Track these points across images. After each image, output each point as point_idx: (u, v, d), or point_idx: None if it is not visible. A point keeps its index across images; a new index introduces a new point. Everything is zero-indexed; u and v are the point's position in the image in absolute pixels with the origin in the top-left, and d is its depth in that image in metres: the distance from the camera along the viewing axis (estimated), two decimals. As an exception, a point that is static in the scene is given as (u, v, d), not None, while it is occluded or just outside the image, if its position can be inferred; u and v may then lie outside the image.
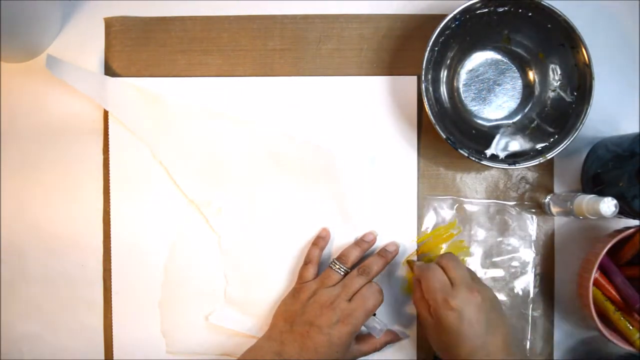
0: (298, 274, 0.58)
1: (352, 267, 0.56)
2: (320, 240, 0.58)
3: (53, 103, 0.60)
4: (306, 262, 0.57)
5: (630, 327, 0.54)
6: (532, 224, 0.59)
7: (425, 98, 0.54)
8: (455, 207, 0.59)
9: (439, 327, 0.49)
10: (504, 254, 0.59)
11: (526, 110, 0.58)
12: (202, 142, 0.59)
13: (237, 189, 0.59)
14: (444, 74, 0.58)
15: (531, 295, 0.59)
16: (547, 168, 0.59)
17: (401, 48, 0.60)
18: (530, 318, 0.59)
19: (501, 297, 0.59)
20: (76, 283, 0.60)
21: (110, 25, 0.60)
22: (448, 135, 0.54)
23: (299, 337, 0.52)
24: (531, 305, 0.59)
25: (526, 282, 0.59)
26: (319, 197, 0.59)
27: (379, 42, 0.60)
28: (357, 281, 0.54)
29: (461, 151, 0.53)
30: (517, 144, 0.57)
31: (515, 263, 0.59)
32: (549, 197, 0.58)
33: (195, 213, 0.59)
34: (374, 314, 0.55)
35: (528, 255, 0.59)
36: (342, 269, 0.55)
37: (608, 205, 0.48)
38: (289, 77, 0.60)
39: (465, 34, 0.56)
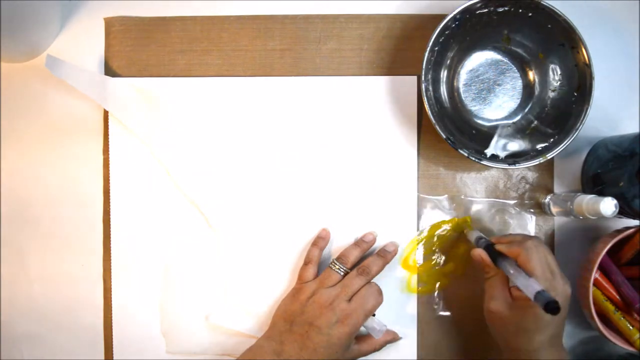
0: (298, 274, 0.58)
1: (352, 268, 0.56)
2: (320, 240, 0.58)
3: (53, 103, 0.60)
4: (306, 262, 0.57)
5: (630, 327, 0.54)
6: (532, 224, 0.59)
7: (425, 98, 0.54)
8: (454, 206, 0.59)
9: (524, 311, 0.48)
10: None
11: (526, 110, 0.58)
12: (202, 142, 0.59)
13: (237, 189, 0.59)
14: (444, 74, 0.58)
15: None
16: (547, 168, 0.60)
17: (401, 48, 0.60)
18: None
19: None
20: (76, 283, 0.60)
21: (110, 25, 0.60)
22: (448, 135, 0.54)
23: (298, 337, 0.52)
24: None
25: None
26: (319, 197, 0.59)
27: (379, 42, 0.60)
28: (357, 281, 0.54)
29: (461, 151, 0.53)
30: (517, 144, 0.57)
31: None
32: (549, 197, 0.58)
33: (195, 213, 0.59)
34: (374, 315, 0.55)
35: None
36: (341, 269, 0.55)
37: (608, 205, 0.48)
38: (289, 77, 0.60)
39: (465, 34, 0.56)
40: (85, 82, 0.58)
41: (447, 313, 0.59)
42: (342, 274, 0.55)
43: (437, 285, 0.59)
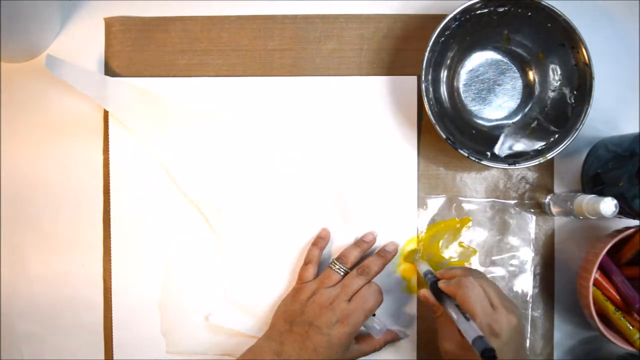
0: (298, 274, 0.58)
1: (352, 268, 0.56)
2: (320, 240, 0.58)
3: (53, 103, 0.60)
4: (306, 262, 0.57)
5: (630, 327, 0.54)
6: (532, 224, 0.60)
7: (425, 98, 0.54)
8: (454, 206, 0.59)
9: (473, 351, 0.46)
10: (503, 253, 0.59)
11: (526, 110, 0.58)
12: (202, 142, 0.59)
13: (237, 189, 0.59)
14: (444, 74, 0.58)
15: (531, 295, 0.59)
16: (547, 168, 0.60)
17: (401, 48, 0.60)
18: (530, 318, 0.59)
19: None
20: (76, 283, 0.60)
21: (110, 25, 0.60)
22: (448, 135, 0.54)
23: (298, 337, 0.52)
24: (531, 305, 0.59)
25: (526, 282, 0.59)
26: (319, 197, 0.59)
27: (379, 42, 0.60)
28: (357, 281, 0.54)
29: (461, 151, 0.53)
30: (516, 144, 0.57)
31: (515, 262, 0.59)
32: (549, 197, 0.58)
33: (195, 213, 0.59)
34: (374, 314, 0.55)
35: (528, 254, 0.59)
36: (341, 269, 0.55)
37: (608, 205, 0.48)
38: (289, 77, 0.60)
39: (465, 34, 0.56)
40: (85, 82, 0.58)
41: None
42: (342, 274, 0.55)
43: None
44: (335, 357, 0.52)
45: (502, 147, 0.57)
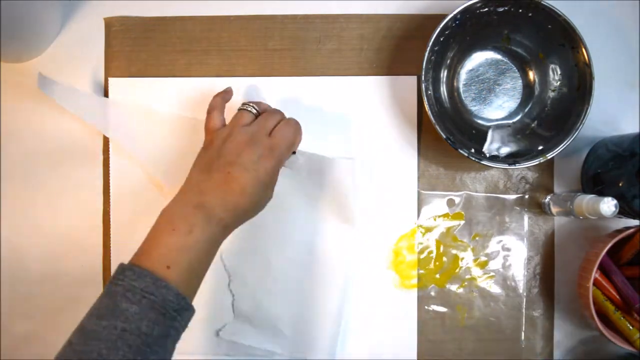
0: (204, 127, 0.52)
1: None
2: (225, 93, 0.54)
3: (53, 103, 0.60)
4: (209, 111, 0.52)
5: (630, 327, 0.54)
6: (531, 224, 0.60)
7: (425, 98, 0.54)
8: (453, 203, 0.59)
9: None
10: (502, 252, 0.59)
11: (526, 110, 0.58)
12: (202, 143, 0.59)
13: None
14: (444, 74, 0.58)
15: (530, 295, 0.59)
16: (547, 168, 0.60)
17: (401, 48, 0.60)
18: (527, 317, 0.59)
19: (499, 295, 0.59)
20: (76, 283, 0.60)
21: (110, 25, 0.60)
22: (448, 135, 0.54)
23: (221, 183, 0.47)
24: (527, 305, 0.59)
25: (525, 282, 0.59)
26: (319, 198, 0.59)
27: (379, 42, 0.60)
28: (274, 117, 0.51)
29: (461, 151, 0.53)
30: (516, 144, 0.57)
31: (514, 262, 0.59)
32: (549, 197, 0.58)
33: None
34: (294, 152, 0.52)
35: (527, 254, 0.59)
36: (254, 109, 0.51)
37: (608, 205, 0.48)
38: (289, 77, 0.60)
39: (465, 34, 0.56)
40: (78, 103, 0.58)
41: (444, 309, 0.59)
42: (254, 112, 0.51)
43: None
44: (264, 196, 0.49)
45: (492, 146, 0.57)
